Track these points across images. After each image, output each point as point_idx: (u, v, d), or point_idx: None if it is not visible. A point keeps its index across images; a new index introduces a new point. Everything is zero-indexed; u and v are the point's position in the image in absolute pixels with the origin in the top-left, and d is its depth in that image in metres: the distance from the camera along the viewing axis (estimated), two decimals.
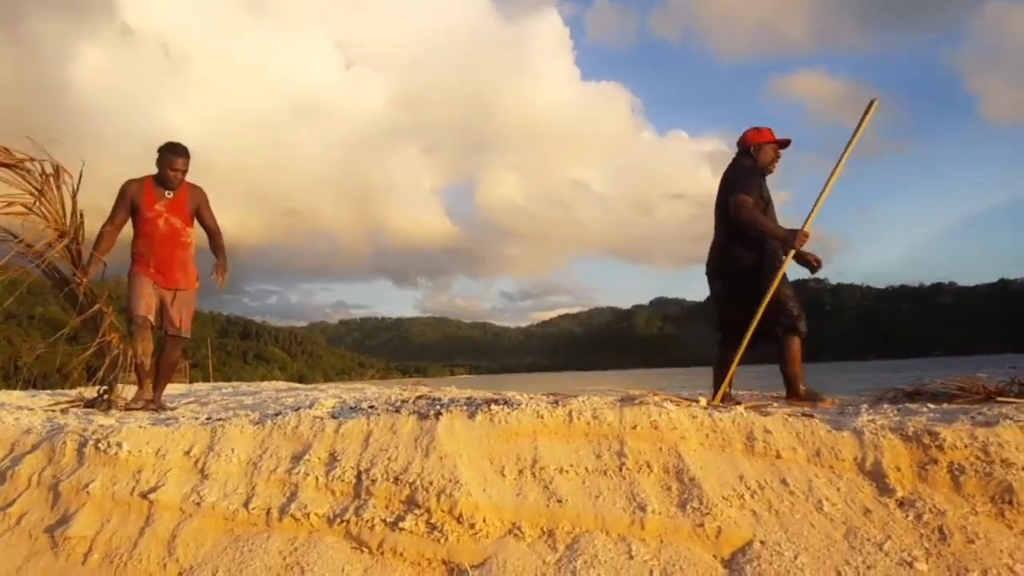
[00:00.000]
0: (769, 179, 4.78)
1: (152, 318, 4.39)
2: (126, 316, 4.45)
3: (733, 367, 4.49)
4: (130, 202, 4.41)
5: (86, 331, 4.70)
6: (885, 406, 3.87)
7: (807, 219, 4.43)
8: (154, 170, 4.47)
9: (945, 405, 3.85)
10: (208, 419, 3.48)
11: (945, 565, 2.71)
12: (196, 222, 4.69)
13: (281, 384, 8.95)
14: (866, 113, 4.45)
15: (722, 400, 4.30)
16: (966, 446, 3.09)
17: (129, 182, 4.42)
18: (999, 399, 3.99)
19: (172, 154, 4.40)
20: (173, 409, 4.40)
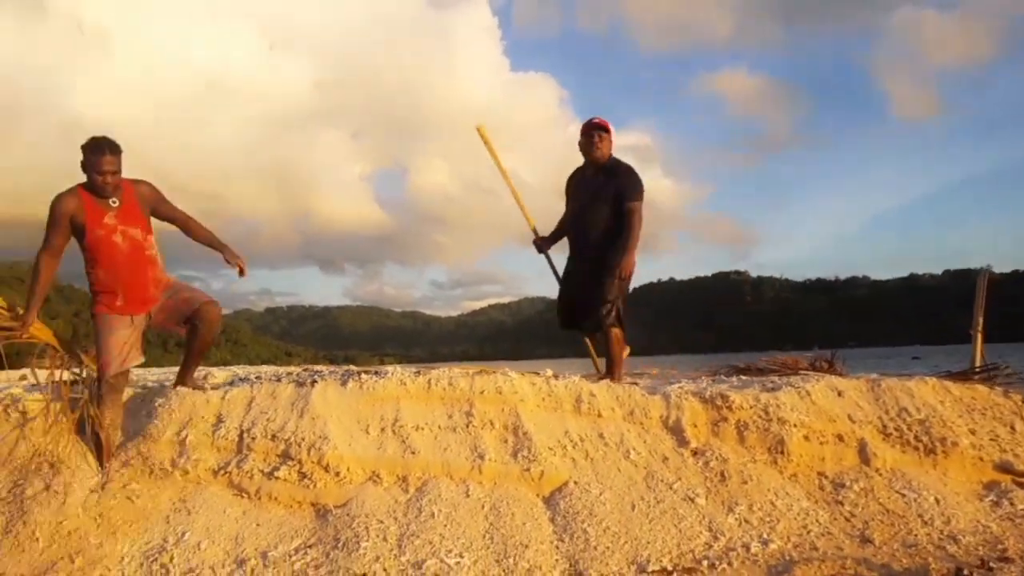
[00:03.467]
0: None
1: (135, 361, 3.58)
2: (97, 371, 3.53)
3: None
4: (69, 222, 3.48)
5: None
6: (702, 377, 4.58)
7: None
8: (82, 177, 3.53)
9: (746, 377, 4.59)
10: None
11: (720, 500, 3.39)
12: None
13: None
14: (484, 140, 4.97)
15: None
16: (751, 407, 3.80)
17: (60, 197, 3.48)
18: (802, 371, 4.77)
19: (95, 153, 3.46)
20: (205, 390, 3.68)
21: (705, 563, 2.97)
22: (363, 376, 3.74)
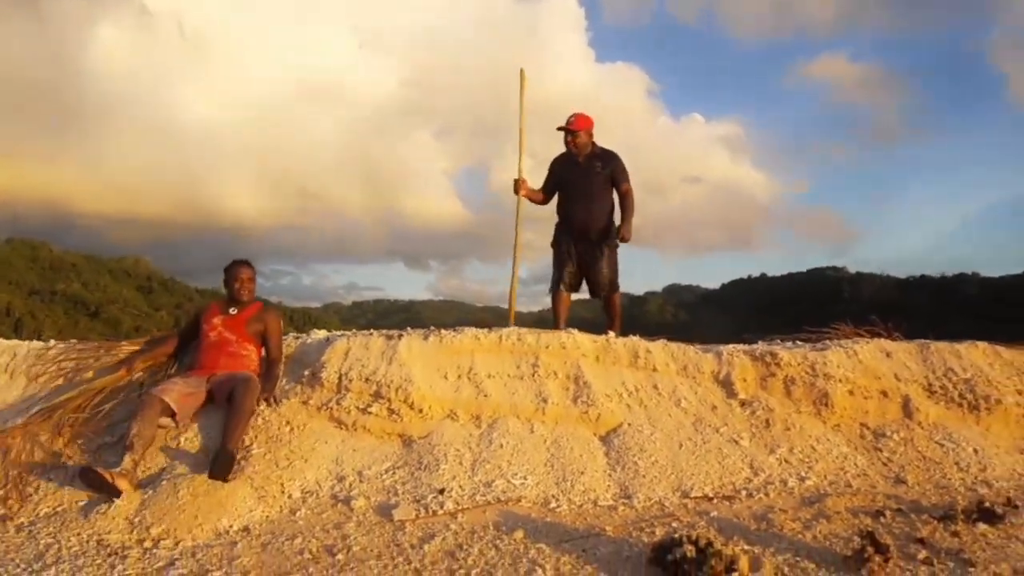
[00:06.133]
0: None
1: (169, 403, 3.66)
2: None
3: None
4: (195, 321, 4.22)
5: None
6: (759, 342, 4.85)
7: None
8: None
9: (803, 342, 4.83)
10: None
11: (763, 443, 3.72)
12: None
13: None
14: (521, 85, 5.39)
15: None
16: (799, 364, 4.10)
17: (199, 306, 4.40)
18: (855, 336, 4.97)
19: (238, 265, 4.23)
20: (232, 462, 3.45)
21: (743, 493, 3.31)
22: (443, 331, 4.25)
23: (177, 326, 4.36)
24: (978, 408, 3.96)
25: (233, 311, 4.15)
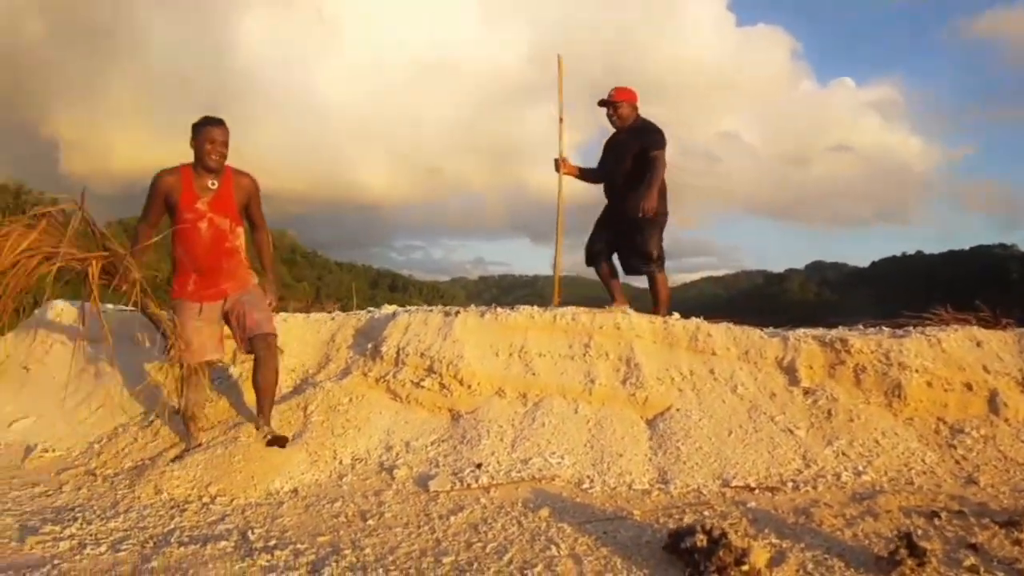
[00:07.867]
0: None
1: (210, 356, 3.61)
2: (177, 359, 3.54)
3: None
4: (164, 199, 3.52)
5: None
6: (839, 327, 4.55)
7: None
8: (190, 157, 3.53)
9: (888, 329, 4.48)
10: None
11: (821, 434, 3.53)
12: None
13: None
14: (559, 71, 5.17)
15: None
16: (872, 352, 3.83)
17: (160, 174, 3.51)
18: (951, 323, 4.56)
19: (207, 124, 3.50)
20: (287, 440, 3.58)
21: (790, 485, 3.16)
22: (498, 309, 4.32)
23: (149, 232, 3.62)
24: None
25: (213, 184, 3.54)
